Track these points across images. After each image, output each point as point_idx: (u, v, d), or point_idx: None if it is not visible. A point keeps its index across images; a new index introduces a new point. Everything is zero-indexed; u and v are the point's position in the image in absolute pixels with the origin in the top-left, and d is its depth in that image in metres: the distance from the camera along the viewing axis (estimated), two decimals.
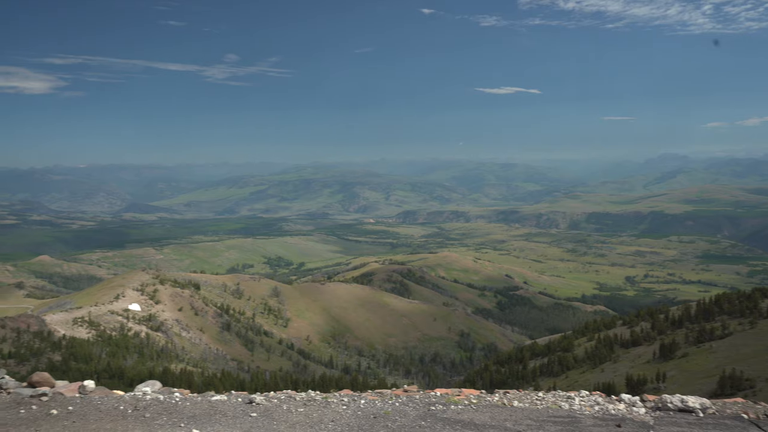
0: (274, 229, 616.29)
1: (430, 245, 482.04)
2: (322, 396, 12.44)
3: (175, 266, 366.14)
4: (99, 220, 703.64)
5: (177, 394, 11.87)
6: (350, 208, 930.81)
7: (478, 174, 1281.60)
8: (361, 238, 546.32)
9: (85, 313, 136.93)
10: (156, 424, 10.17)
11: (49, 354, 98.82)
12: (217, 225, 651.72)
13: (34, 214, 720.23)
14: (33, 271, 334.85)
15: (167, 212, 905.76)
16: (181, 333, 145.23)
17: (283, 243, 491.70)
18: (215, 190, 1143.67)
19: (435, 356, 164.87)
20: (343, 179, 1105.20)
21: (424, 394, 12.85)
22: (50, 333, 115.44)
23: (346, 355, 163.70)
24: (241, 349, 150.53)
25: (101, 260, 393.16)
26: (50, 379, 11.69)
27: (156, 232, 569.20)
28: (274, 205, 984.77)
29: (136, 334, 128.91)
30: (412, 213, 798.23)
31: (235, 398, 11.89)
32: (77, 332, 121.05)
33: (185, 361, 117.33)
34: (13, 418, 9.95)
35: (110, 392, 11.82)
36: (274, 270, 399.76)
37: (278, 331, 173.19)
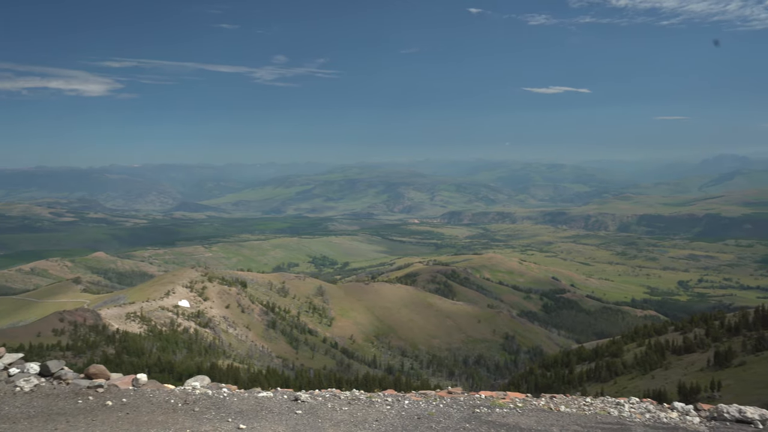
0: (320, 228, 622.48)
1: (474, 246, 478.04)
2: (367, 395, 12.47)
3: (222, 264, 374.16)
4: (151, 218, 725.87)
5: (225, 390, 12.10)
6: (395, 209, 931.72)
7: (525, 175, 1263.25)
8: (406, 238, 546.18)
9: (138, 308, 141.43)
10: (204, 418, 10.39)
11: (104, 347, 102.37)
12: (263, 224, 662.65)
13: (91, 212, 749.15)
14: (89, 267, 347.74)
15: (216, 211, 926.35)
16: (228, 330, 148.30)
17: (328, 242, 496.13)
18: (262, 190, 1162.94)
19: (479, 358, 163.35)
20: (388, 179, 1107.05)
21: (468, 396, 12.73)
22: (105, 327, 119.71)
23: (390, 355, 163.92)
24: (286, 347, 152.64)
25: (153, 257, 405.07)
26: (106, 372, 12.09)
27: (205, 230, 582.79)
28: (320, 204, 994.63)
29: (185, 330, 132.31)
30: (457, 214, 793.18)
31: (280, 395, 12.04)
32: (130, 327, 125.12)
33: (232, 358, 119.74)
34: (72, 407, 10.34)
35: (161, 386, 12.13)
36: (318, 269, 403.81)
37: (322, 330, 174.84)
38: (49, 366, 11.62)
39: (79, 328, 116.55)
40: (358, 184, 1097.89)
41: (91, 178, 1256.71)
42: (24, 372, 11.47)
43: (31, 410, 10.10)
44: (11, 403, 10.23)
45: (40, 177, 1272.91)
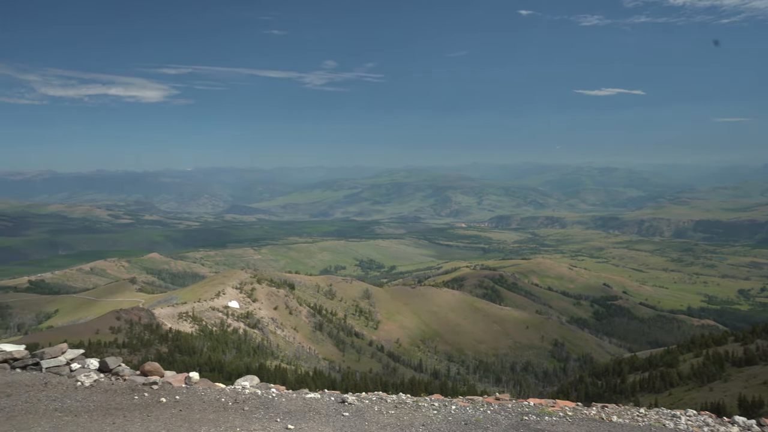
0: (367, 231, 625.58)
1: (523, 251, 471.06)
2: (413, 399, 12.44)
3: (271, 266, 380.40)
4: (203, 220, 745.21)
5: (273, 390, 12.28)
6: (442, 212, 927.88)
7: (576, 178, 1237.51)
8: (453, 242, 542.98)
9: (189, 308, 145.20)
10: (254, 417, 10.57)
11: (157, 345, 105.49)
12: (311, 227, 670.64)
13: (146, 214, 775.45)
14: (144, 268, 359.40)
15: (265, 214, 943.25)
16: (276, 331, 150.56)
17: (375, 246, 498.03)
18: (310, 193, 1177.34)
19: (527, 365, 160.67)
20: (435, 183, 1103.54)
21: (516, 403, 12.53)
22: (158, 326, 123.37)
23: (436, 360, 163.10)
24: (333, 349, 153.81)
25: (204, 259, 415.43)
26: (160, 369, 12.47)
27: (254, 233, 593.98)
28: (367, 208, 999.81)
29: (234, 330, 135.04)
30: (505, 218, 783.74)
31: (328, 397, 12.14)
32: (182, 326, 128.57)
33: (279, 359, 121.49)
34: (128, 403, 10.70)
35: (213, 384, 12.41)
36: (365, 272, 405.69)
37: (368, 333, 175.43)
38: (107, 362, 12.06)
39: (135, 327, 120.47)
40: (405, 188, 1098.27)
41: (146, 181, 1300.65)
42: (84, 367, 11.95)
43: (90, 404, 10.50)
44: (73, 397, 10.67)
45: (100, 180, 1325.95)
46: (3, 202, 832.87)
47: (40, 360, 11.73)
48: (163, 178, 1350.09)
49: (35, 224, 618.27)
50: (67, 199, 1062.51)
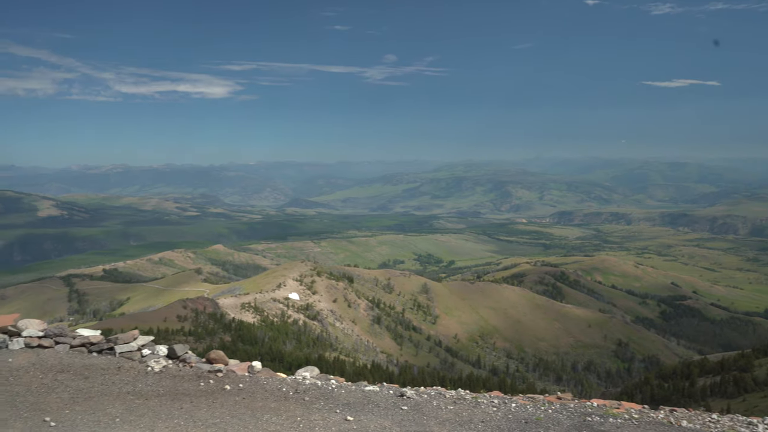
0: (426, 226, 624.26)
1: (586, 248, 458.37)
2: (472, 396, 12.33)
3: (331, 259, 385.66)
4: (265, 213, 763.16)
5: (333, 381, 12.44)
6: (502, 207, 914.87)
7: (643, 173, 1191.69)
8: (513, 237, 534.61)
9: (252, 299, 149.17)
10: (314, 408, 10.75)
11: (221, 334, 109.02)
12: (370, 221, 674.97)
13: (211, 207, 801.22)
14: (209, 259, 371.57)
15: (325, 207, 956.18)
16: (335, 323, 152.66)
17: (434, 240, 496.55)
18: (370, 187, 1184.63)
19: (588, 364, 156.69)
20: (496, 178, 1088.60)
21: (579, 403, 12.21)
22: (222, 315, 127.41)
23: (494, 356, 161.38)
24: (391, 343, 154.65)
25: (266, 251, 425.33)
26: (225, 358, 12.85)
27: (315, 226, 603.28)
28: (427, 202, 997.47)
29: (294, 322, 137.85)
30: (568, 214, 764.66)
31: (386, 390, 12.19)
32: (244, 316, 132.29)
33: (338, 350, 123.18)
34: (195, 389, 11.10)
35: (274, 374, 12.69)
36: (423, 267, 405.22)
37: (426, 328, 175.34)
38: (175, 349, 12.54)
39: (200, 316, 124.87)
40: (465, 182, 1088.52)
41: (211, 175, 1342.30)
42: (154, 354, 12.47)
43: (160, 389, 10.95)
44: (144, 381, 11.16)
45: (169, 174, 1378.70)
46: (81, 194, 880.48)
47: (114, 345, 12.32)
48: (228, 172, 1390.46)
49: (110, 215, 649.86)
50: (138, 192, 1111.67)
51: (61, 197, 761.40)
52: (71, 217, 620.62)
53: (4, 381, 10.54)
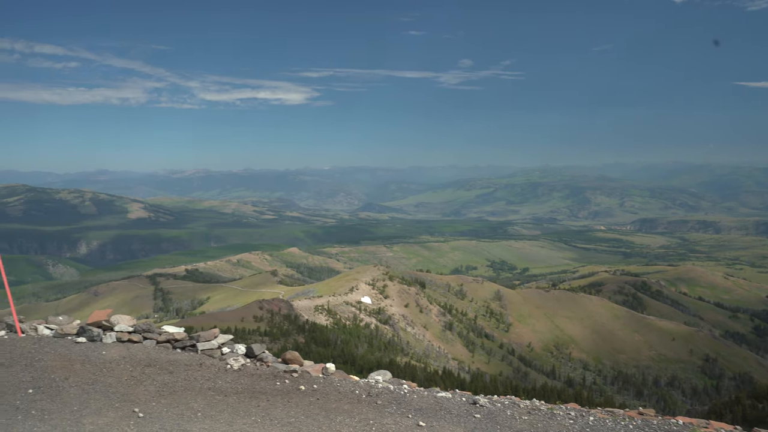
0: (499, 232, 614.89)
1: (669, 257, 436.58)
2: (548, 407, 12.00)
3: (402, 264, 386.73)
4: (339, 217, 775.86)
5: (405, 386, 12.45)
6: (579, 214, 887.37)
7: (734, 180, 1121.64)
8: (590, 245, 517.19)
9: (325, 302, 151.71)
10: (386, 411, 10.79)
11: (295, 335, 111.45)
12: (443, 226, 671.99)
13: (287, 210, 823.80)
14: (284, 261, 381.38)
15: (398, 212, 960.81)
16: (407, 328, 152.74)
17: (508, 247, 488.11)
18: (443, 192, 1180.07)
19: (672, 379, 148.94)
20: (573, 183, 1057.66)
21: (662, 420, 11.64)
22: (296, 317, 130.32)
23: (570, 367, 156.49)
24: (462, 350, 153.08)
25: (339, 254, 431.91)
26: (300, 358, 13.14)
27: (387, 230, 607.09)
28: (501, 208, 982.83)
29: (366, 325, 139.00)
30: (650, 221, 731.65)
31: (459, 397, 12.08)
32: (318, 318, 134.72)
33: (409, 355, 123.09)
34: (271, 388, 11.41)
35: (347, 376, 12.85)
36: (497, 273, 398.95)
37: (499, 335, 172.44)
38: (253, 348, 12.94)
39: (275, 317, 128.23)
40: (541, 188, 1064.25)
41: (288, 179, 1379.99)
42: (233, 352, 12.91)
43: (238, 386, 11.33)
44: (223, 378, 11.58)
45: (247, 178, 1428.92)
46: (166, 197, 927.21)
47: (196, 342, 12.86)
48: (303, 176, 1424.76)
49: (193, 218, 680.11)
50: (218, 196, 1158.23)
51: (148, 200, 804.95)
52: (157, 219, 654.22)
53: (99, 372, 11.23)
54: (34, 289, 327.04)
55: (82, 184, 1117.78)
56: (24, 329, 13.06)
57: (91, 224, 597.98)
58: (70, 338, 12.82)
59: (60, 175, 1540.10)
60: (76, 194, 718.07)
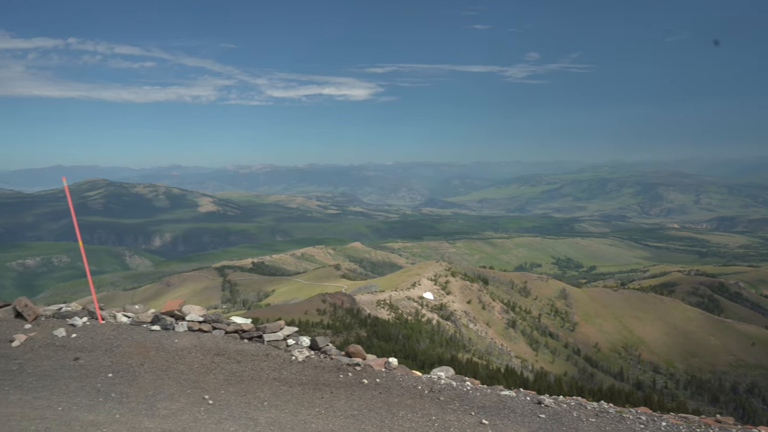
0: (565, 229, 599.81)
1: (750, 257, 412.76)
2: (616, 410, 11.61)
3: (465, 260, 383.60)
4: (401, 213, 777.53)
5: (468, 383, 12.34)
6: (651, 211, 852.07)
7: None
8: (663, 243, 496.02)
9: (387, 296, 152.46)
10: (449, 408, 10.74)
11: (357, 329, 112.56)
12: (507, 222, 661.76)
13: (350, 205, 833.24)
14: (347, 256, 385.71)
15: (461, 208, 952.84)
16: (469, 325, 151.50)
17: (574, 244, 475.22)
18: (507, 188, 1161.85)
19: (752, 386, 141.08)
20: (645, 179, 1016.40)
21: (742, 429, 11.03)
22: (359, 311, 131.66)
23: (639, 370, 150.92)
24: (525, 348, 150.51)
25: (401, 250, 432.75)
26: (362, 352, 13.25)
27: (450, 226, 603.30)
28: (567, 204, 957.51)
29: (428, 321, 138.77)
30: (728, 219, 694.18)
31: (523, 396, 11.86)
32: (379, 313, 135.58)
33: (471, 352, 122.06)
34: (335, 380, 11.58)
35: (410, 371, 12.85)
36: (562, 271, 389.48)
37: (564, 335, 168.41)
38: (317, 341, 13.15)
39: (338, 310, 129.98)
40: (610, 184, 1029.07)
41: (351, 174, 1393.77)
42: (298, 344, 13.17)
43: (303, 378, 11.56)
44: (288, 369, 11.84)
45: (311, 173, 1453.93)
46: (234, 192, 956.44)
47: (263, 333, 13.19)
48: (366, 171, 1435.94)
49: (259, 212, 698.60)
50: (284, 191, 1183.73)
51: (217, 194, 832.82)
52: (225, 212, 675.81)
53: (171, 359, 11.72)
54: (112, 279, 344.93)
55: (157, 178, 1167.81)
56: (104, 316, 13.78)
57: (165, 217, 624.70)
58: (145, 326, 13.43)
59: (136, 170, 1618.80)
60: (150, 188, 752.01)
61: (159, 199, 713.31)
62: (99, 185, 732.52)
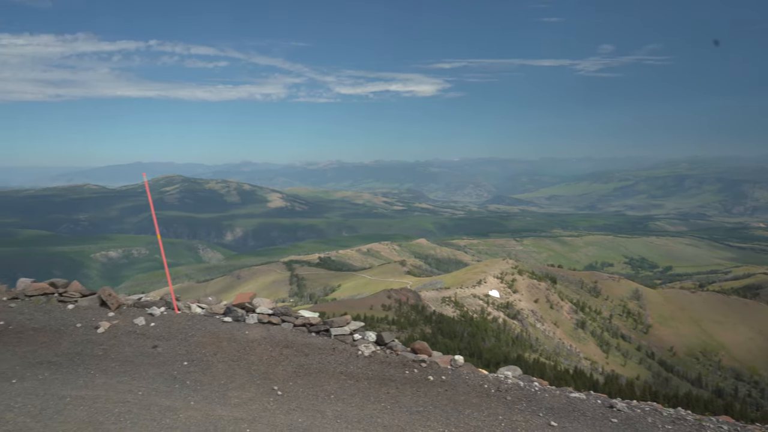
0: (639, 227, 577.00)
1: None
2: (695, 417, 11.06)
3: (532, 258, 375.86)
4: (467, 209, 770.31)
5: (536, 384, 12.09)
6: (734, 210, 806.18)
7: None
8: (746, 244, 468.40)
9: (452, 293, 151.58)
10: (516, 408, 10.55)
11: (422, 326, 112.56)
12: (577, 220, 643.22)
13: (416, 202, 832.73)
14: (413, 252, 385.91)
15: (528, 205, 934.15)
16: (536, 324, 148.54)
17: (648, 243, 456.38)
18: (577, 185, 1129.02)
19: None
20: (727, 176, 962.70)
21: None
22: (423, 307, 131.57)
23: (719, 376, 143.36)
24: (595, 349, 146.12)
25: (467, 247, 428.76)
26: (428, 349, 13.22)
27: (517, 224, 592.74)
28: (642, 202, 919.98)
29: (494, 319, 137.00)
30: None
31: (594, 399, 11.50)
32: (444, 310, 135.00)
33: (538, 352, 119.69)
34: (400, 376, 11.61)
35: (476, 369, 12.71)
36: (635, 271, 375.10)
37: (637, 337, 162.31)
38: (383, 336, 13.22)
39: (403, 306, 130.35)
40: (689, 181, 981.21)
41: (417, 171, 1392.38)
42: (364, 339, 13.29)
43: (369, 372, 11.65)
44: (355, 364, 11.97)
45: (377, 170, 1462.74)
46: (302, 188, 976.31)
47: (330, 328, 13.39)
48: (432, 168, 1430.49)
49: (327, 208, 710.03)
50: (350, 187, 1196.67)
51: (286, 190, 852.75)
52: (293, 208, 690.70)
53: (242, 350, 12.08)
54: (186, 271, 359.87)
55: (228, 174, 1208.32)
56: (180, 307, 14.37)
57: (236, 212, 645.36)
58: (218, 317, 13.91)
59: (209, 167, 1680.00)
60: (223, 184, 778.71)
61: (230, 194, 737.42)
62: (175, 181, 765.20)
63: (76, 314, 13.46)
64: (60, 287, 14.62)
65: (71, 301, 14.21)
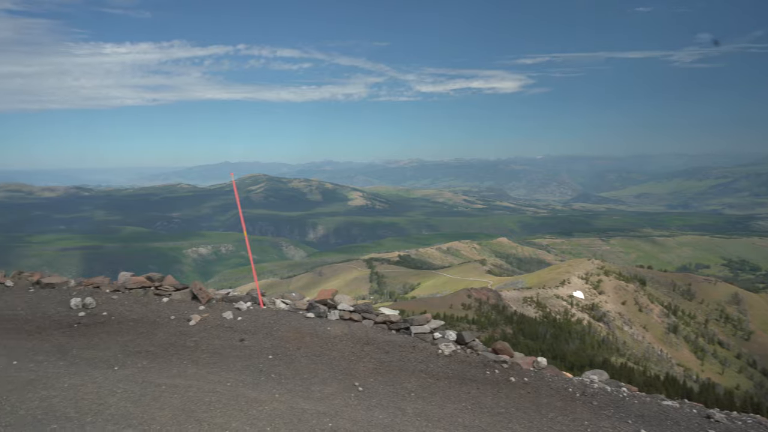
0: (739, 227, 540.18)
1: None
2: None
3: (620, 259, 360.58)
4: (550, 208, 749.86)
5: (624, 389, 11.57)
6: None
7: None
8: None
9: (534, 293, 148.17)
10: (603, 414, 10.14)
11: (503, 326, 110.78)
12: (669, 219, 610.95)
13: (497, 200, 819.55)
14: (493, 251, 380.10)
15: (615, 203, 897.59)
16: (623, 327, 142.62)
17: (750, 244, 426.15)
18: (669, 183, 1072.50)
19: None
20: None
21: None
22: (504, 307, 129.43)
23: None
24: (689, 355, 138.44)
25: (550, 246, 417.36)
26: (510, 350, 12.95)
27: (603, 223, 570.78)
28: (742, 200, 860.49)
29: (578, 321, 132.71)
30: None
31: (688, 408, 10.86)
32: (526, 310, 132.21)
33: (626, 357, 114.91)
34: (481, 376, 11.45)
35: (559, 372, 12.33)
36: (734, 274, 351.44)
37: (736, 343, 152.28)
38: (464, 336, 13.08)
39: (483, 306, 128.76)
40: None
41: (498, 169, 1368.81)
42: (444, 338, 13.20)
43: (449, 371, 11.57)
44: (435, 362, 11.92)
45: (457, 168, 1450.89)
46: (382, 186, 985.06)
47: (410, 326, 13.41)
48: (514, 165, 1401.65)
49: (406, 206, 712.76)
50: (430, 185, 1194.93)
51: (366, 189, 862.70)
52: (374, 206, 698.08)
53: (324, 346, 12.34)
54: (271, 267, 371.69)
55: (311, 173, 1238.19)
56: (265, 302, 14.87)
57: (318, 211, 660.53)
58: (301, 313, 14.27)
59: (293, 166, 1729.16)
60: (305, 183, 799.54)
61: (313, 193, 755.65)
62: (260, 180, 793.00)
63: (170, 307, 14.23)
64: (156, 281, 15.51)
65: (166, 295, 15.05)
